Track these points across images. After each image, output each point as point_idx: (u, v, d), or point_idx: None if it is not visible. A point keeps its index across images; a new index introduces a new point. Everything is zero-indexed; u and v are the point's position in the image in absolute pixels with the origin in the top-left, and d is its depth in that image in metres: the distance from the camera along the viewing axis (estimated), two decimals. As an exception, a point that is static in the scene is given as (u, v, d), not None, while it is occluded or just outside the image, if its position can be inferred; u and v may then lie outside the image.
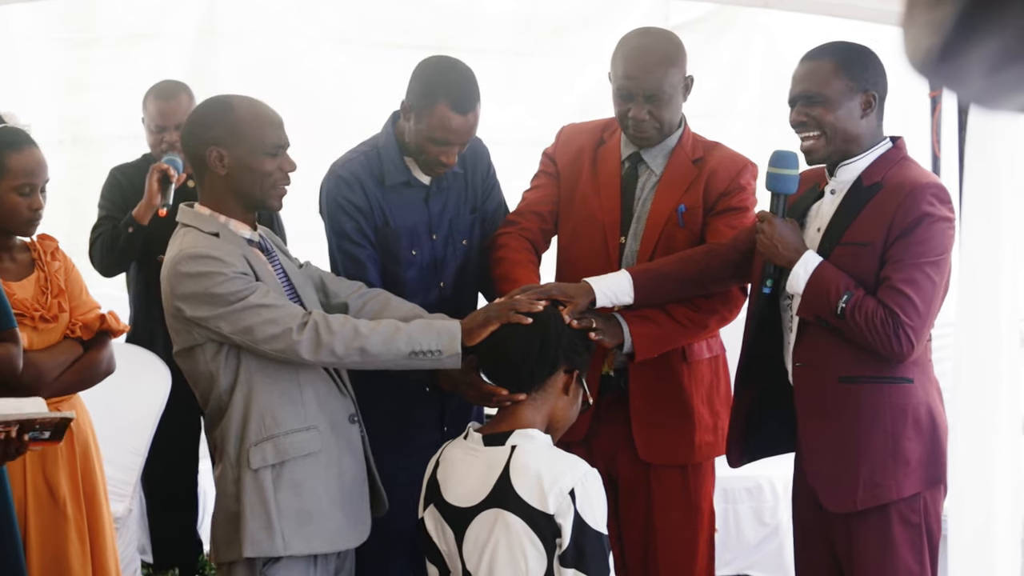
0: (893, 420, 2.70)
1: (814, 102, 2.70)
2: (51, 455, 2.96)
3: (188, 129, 2.66)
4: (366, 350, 2.54)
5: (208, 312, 2.52)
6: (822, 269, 2.67)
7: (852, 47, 2.75)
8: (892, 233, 2.63)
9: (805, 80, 2.72)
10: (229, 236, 2.62)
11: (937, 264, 2.61)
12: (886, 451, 2.70)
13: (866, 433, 2.71)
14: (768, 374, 2.92)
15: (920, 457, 2.71)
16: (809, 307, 2.70)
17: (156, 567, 4.35)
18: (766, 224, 2.74)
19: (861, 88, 2.69)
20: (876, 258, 2.65)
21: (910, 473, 2.71)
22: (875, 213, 2.67)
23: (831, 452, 2.76)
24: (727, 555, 4.20)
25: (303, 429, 2.61)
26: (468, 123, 2.91)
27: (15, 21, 4.86)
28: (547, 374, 2.48)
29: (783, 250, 2.71)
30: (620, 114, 3.01)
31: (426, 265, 3.09)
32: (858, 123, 2.70)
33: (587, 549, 2.28)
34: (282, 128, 2.65)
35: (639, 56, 2.97)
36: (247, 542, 2.56)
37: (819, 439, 2.78)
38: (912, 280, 2.60)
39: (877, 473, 2.70)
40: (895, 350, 2.62)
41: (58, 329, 2.96)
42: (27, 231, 2.96)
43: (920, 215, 2.61)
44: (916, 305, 2.60)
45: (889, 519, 2.72)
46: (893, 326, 2.60)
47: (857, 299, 2.62)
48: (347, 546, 2.70)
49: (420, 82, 2.92)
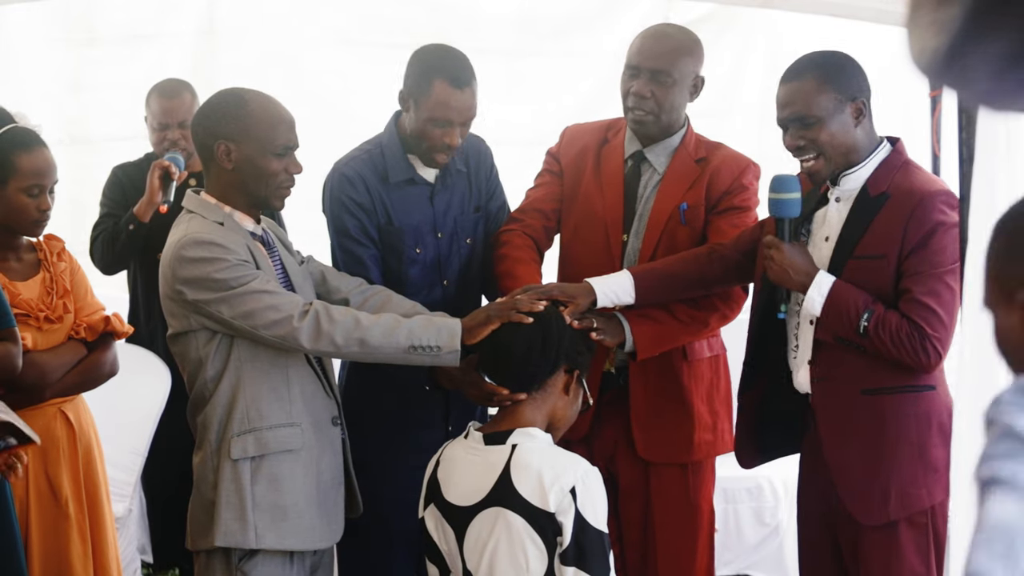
0: (919, 428, 2.69)
1: (807, 124, 2.66)
2: (53, 455, 2.97)
3: (199, 119, 2.67)
4: (366, 341, 2.55)
5: (209, 296, 2.53)
6: (838, 289, 2.65)
7: (827, 58, 2.72)
8: (907, 245, 2.62)
9: (791, 103, 2.68)
10: (233, 226, 2.63)
11: (955, 272, 2.59)
12: (915, 460, 2.70)
13: (893, 443, 2.70)
14: (774, 375, 2.91)
15: (947, 463, 2.68)
16: (828, 328, 2.68)
17: (156, 567, 4.34)
18: (775, 251, 2.71)
19: (849, 97, 2.66)
20: (892, 270, 2.64)
21: (939, 479, 2.69)
22: (887, 224, 2.65)
23: (860, 465, 2.73)
24: (727, 555, 4.19)
25: (286, 425, 2.62)
26: (466, 99, 2.91)
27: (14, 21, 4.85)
28: (548, 374, 2.48)
29: (795, 275, 2.69)
30: (624, 92, 3.02)
31: (429, 263, 3.09)
32: (853, 133, 2.68)
33: (588, 547, 2.28)
34: (293, 129, 2.66)
35: (656, 38, 3.01)
36: (219, 532, 2.58)
37: (846, 452, 2.75)
38: (934, 291, 2.60)
39: (908, 483, 2.70)
40: (923, 362, 2.62)
41: (63, 330, 2.96)
42: (34, 232, 2.96)
43: (934, 225, 2.60)
44: (940, 316, 2.60)
45: (896, 522, 2.71)
46: (920, 339, 2.60)
47: (879, 316, 2.61)
48: (319, 545, 2.71)
49: (415, 67, 2.95)
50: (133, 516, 3.99)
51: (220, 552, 2.63)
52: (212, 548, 2.62)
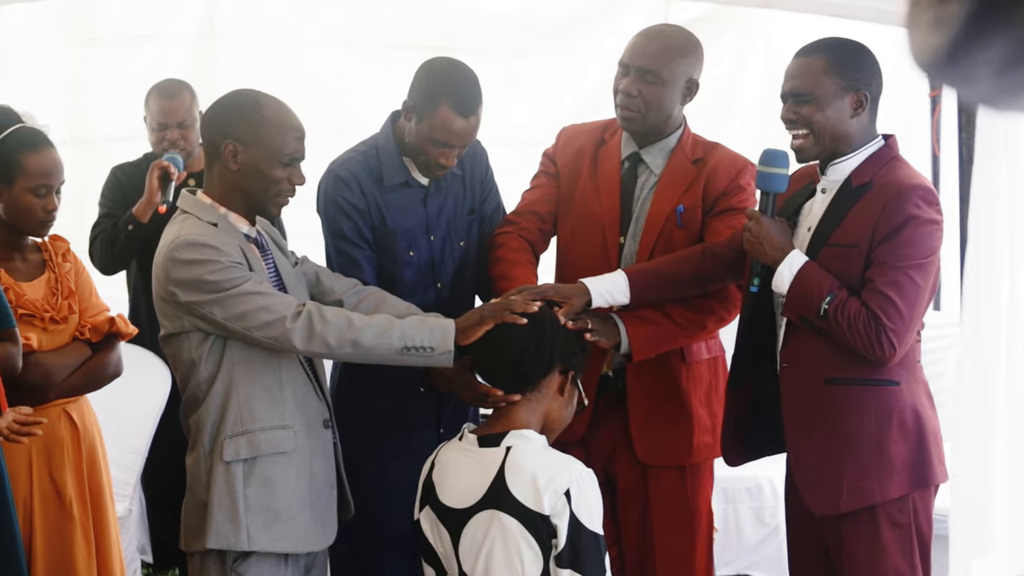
0: (878, 422, 2.68)
1: (803, 100, 2.68)
2: (58, 455, 2.97)
3: (211, 115, 2.67)
4: (359, 342, 2.55)
5: (202, 297, 2.53)
6: (807, 269, 2.65)
7: (846, 45, 2.73)
8: (877, 235, 2.61)
9: (796, 77, 2.71)
10: (227, 227, 2.63)
11: (922, 267, 2.59)
12: (870, 454, 2.69)
13: (851, 435, 2.69)
14: (762, 372, 2.91)
15: (906, 459, 2.69)
16: (793, 307, 2.69)
17: (156, 567, 4.34)
18: (754, 222, 2.72)
19: (852, 87, 2.67)
20: (862, 260, 2.63)
21: (895, 475, 2.69)
22: (862, 214, 2.65)
23: (816, 454, 2.75)
24: (727, 555, 4.20)
25: (279, 427, 2.62)
26: (470, 126, 2.90)
27: (14, 21, 4.85)
28: (542, 375, 2.48)
29: (769, 249, 2.70)
30: (614, 88, 3.01)
31: (423, 266, 3.08)
32: (848, 122, 2.68)
33: (583, 550, 2.28)
34: (302, 140, 2.66)
35: (650, 37, 3.00)
36: (212, 533, 2.58)
37: (804, 440, 2.77)
38: (895, 283, 2.58)
39: (861, 475, 2.69)
40: (877, 353, 2.61)
41: (67, 331, 2.96)
42: (40, 232, 2.96)
43: (906, 217, 2.59)
44: (899, 308, 2.58)
45: (877, 521, 2.71)
46: (875, 329, 2.58)
47: (840, 300, 2.60)
48: (312, 548, 2.71)
49: (423, 83, 2.91)
50: (133, 516, 3.99)
51: (214, 554, 2.63)
52: (205, 550, 2.62)
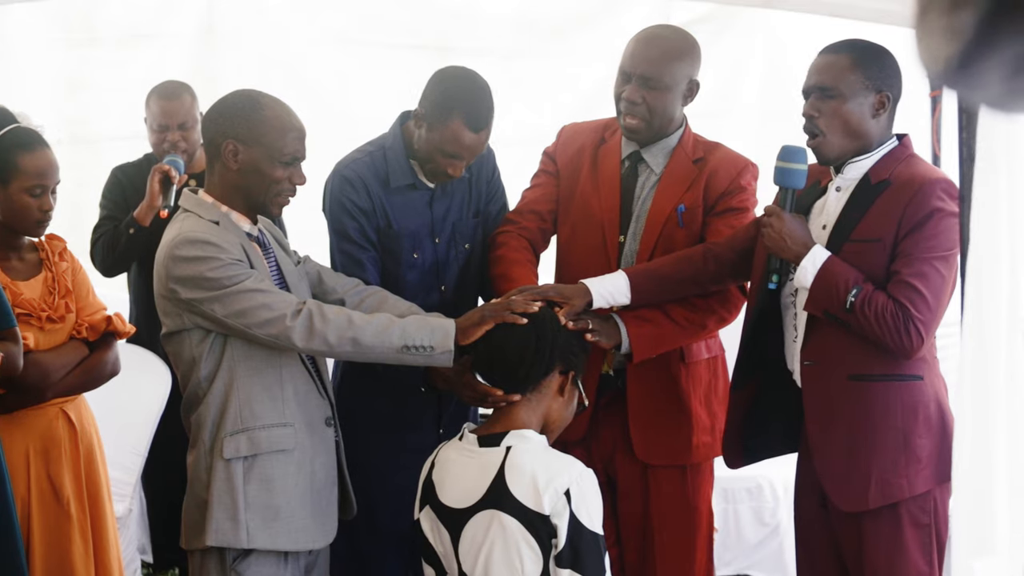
0: (904, 417, 2.69)
1: (828, 95, 2.69)
2: (55, 455, 2.97)
3: (211, 114, 2.67)
4: (359, 341, 2.55)
5: (202, 294, 2.53)
6: (830, 263, 2.66)
7: (872, 46, 2.75)
8: (903, 228, 2.62)
9: (821, 72, 2.71)
10: (229, 225, 2.63)
11: (946, 259, 2.61)
12: (897, 449, 2.69)
13: (877, 431, 2.70)
14: (767, 374, 2.92)
15: (931, 454, 2.70)
16: (817, 302, 2.69)
17: (156, 567, 4.34)
18: (774, 218, 2.72)
19: (876, 87, 2.68)
20: (886, 254, 2.64)
21: (921, 470, 2.70)
22: (884, 209, 2.66)
23: (841, 451, 2.74)
24: (727, 555, 4.20)
25: (279, 425, 2.62)
26: (480, 140, 2.92)
27: (14, 21, 4.85)
28: (542, 375, 2.48)
29: (791, 244, 2.69)
30: (616, 95, 3.01)
31: (427, 268, 3.08)
32: (869, 122, 2.70)
33: (583, 549, 2.29)
34: (303, 140, 2.66)
35: (649, 42, 2.99)
36: (211, 531, 2.59)
37: (829, 438, 2.76)
38: (922, 274, 2.60)
39: (888, 471, 2.69)
40: (904, 344, 2.62)
41: (64, 330, 2.96)
42: (36, 232, 2.96)
43: (931, 210, 2.61)
44: (926, 299, 2.60)
45: (900, 520, 2.71)
46: (903, 320, 2.59)
47: (867, 293, 2.61)
48: (311, 546, 2.71)
49: (436, 93, 2.91)
50: (133, 516, 3.99)
51: (215, 552, 2.63)
52: (206, 548, 2.62)
